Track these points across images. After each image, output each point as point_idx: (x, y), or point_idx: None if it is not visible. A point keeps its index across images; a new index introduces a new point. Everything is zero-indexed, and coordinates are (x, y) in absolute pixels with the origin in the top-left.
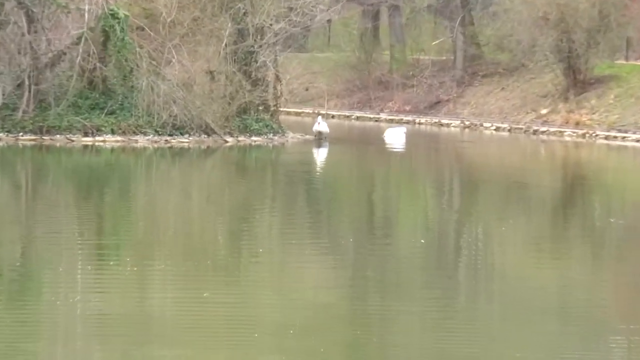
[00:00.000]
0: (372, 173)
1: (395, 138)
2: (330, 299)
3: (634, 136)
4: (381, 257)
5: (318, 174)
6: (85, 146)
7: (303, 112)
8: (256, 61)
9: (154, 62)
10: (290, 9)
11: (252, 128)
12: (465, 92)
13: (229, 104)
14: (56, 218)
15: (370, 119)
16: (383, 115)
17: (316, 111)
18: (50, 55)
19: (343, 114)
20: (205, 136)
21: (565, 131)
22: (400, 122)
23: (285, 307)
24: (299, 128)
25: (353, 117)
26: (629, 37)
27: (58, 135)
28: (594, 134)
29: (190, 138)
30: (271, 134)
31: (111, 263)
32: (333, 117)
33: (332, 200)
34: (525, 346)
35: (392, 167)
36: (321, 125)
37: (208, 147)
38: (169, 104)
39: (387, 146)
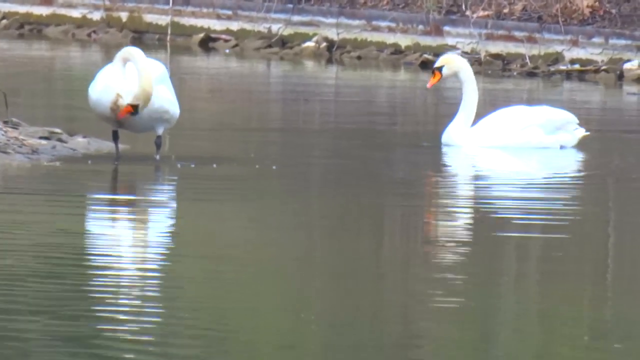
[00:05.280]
0: None
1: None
2: None
3: None
4: None
5: None
6: None
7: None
8: None
9: None
10: None
11: None
12: None
13: None
14: None
15: (397, 50)
16: (464, 39)
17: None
18: None
19: (270, 26)
20: None
21: None
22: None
23: None
24: (43, 107)
25: (316, 40)
26: None
27: None
28: None
29: None
30: None
31: None
32: (213, 43)
33: None
34: None
35: None
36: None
37: None
38: None
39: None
